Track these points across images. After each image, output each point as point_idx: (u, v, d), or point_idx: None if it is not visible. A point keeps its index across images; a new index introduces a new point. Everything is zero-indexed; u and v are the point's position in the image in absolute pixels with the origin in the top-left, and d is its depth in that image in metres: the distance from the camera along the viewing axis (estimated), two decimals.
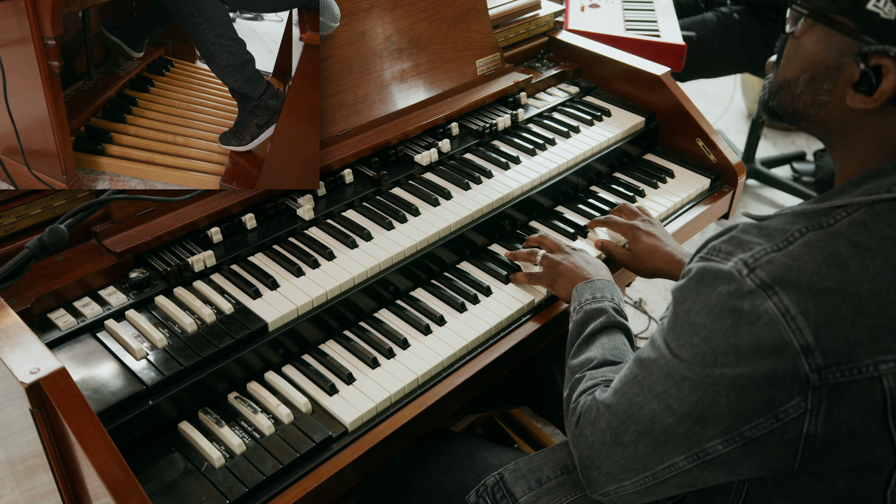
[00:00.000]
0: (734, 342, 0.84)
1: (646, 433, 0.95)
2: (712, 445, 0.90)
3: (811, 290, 0.81)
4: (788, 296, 0.81)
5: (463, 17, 1.80)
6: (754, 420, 0.86)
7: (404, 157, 1.66)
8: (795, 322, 0.81)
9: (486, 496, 1.25)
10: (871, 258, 0.82)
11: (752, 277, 0.83)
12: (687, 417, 0.90)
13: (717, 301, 0.85)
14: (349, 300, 1.36)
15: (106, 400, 1.10)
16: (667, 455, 0.94)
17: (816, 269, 0.82)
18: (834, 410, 0.83)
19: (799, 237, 0.84)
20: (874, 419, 0.83)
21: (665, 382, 0.92)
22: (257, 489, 1.09)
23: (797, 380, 0.82)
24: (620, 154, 1.86)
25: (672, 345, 0.91)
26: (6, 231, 1.27)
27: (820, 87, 0.90)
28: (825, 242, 0.83)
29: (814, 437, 0.84)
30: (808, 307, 0.81)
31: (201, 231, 1.39)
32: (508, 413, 2.24)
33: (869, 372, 0.82)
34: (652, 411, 0.93)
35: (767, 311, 0.82)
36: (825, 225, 0.85)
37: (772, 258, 0.83)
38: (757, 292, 0.83)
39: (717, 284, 0.86)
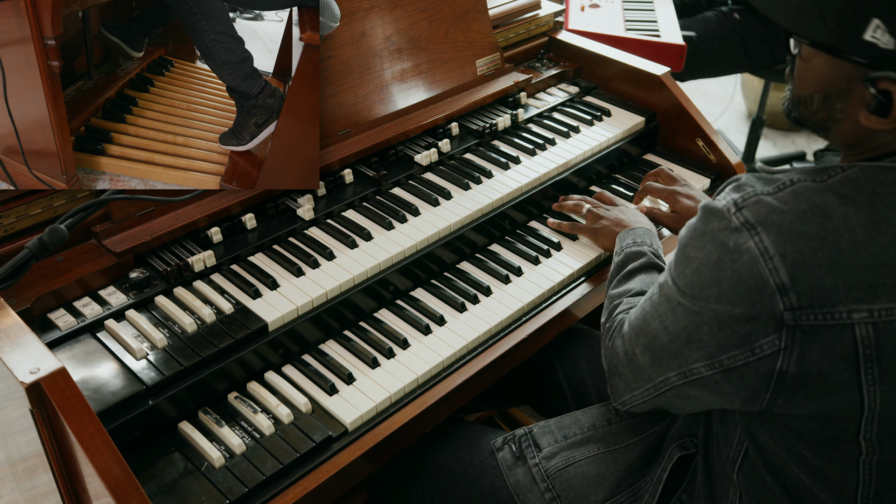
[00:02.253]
0: (718, 276, 0.90)
1: (648, 347, 1.04)
2: (696, 367, 0.98)
3: (791, 233, 0.86)
4: (769, 236, 0.86)
5: (463, 17, 1.80)
6: (732, 351, 0.92)
7: (404, 157, 1.66)
8: (773, 262, 0.86)
9: (512, 444, 1.31)
10: (855, 211, 0.85)
11: (738, 216, 0.89)
12: (677, 339, 0.98)
13: (709, 236, 0.92)
14: (349, 300, 1.36)
15: (106, 400, 1.10)
16: (662, 370, 1.03)
17: (800, 214, 0.86)
18: (806, 351, 0.87)
19: (790, 185, 0.89)
20: (845, 366, 0.87)
21: (666, 305, 1.00)
22: (257, 489, 1.09)
23: (772, 318, 0.87)
24: (620, 154, 1.86)
25: (673, 272, 0.99)
26: (6, 231, 1.27)
27: (833, 107, 0.94)
28: (813, 192, 0.87)
29: (786, 373, 0.89)
30: (786, 249, 0.85)
31: (201, 231, 1.39)
32: (508, 413, 2.24)
33: (842, 319, 0.85)
34: (654, 329, 1.02)
35: (749, 248, 0.87)
36: (818, 179, 0.89)
37: (759, 199, 0.89)
38: (741, 230, 0.88)
39: (711, 220, 0.92)
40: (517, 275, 1.49)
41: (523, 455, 1.29)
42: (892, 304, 0.85)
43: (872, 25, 0.83)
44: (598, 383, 1.56)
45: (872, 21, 0.82)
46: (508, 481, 1.28)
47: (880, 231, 0.85)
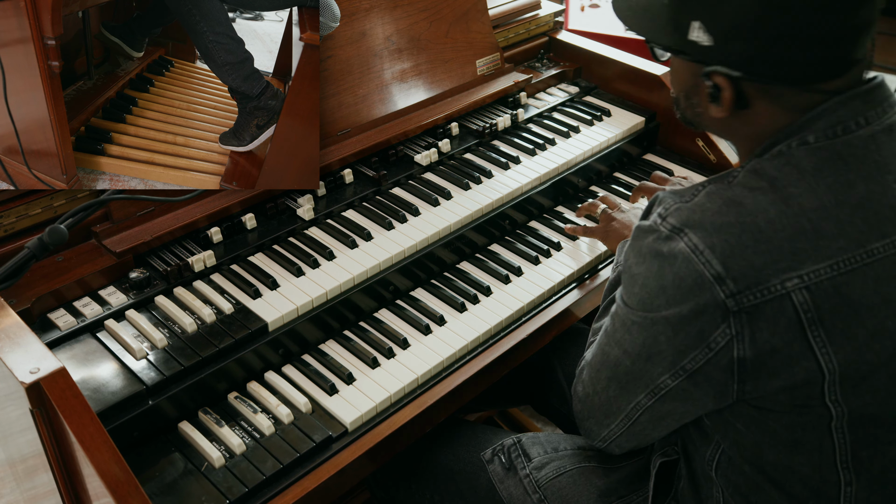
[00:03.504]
0: (662, 283, 0.96)
1: (613, 377, 1.07)
2: (663, 381, 1.01)
3: (713, 226, 0.93)
4: (696, 234, 0.93)
5: (463, 17, 1.80)
6: (691, 353, 0.96)
7: (404, 157, 1.66)
8: (704, 255, 0.92)
9: (502, 454, 1.31)
10: (762, 193, 0.94)
11: (664, 225, 0.96)
12: (639, 357, 1.02)
13: (645, 250, 0.98)
14: (349, 300, 1.36)
15: (106, 400, 1.10)
16: (631, 395, 1.06)
17: (717, 210, 0.94)
18: (756, 332, 0.92)
19: (702, 189, 0.98)
20: (794, 335, 0.92)
21: (622, 329, 1.04)
22: (257, 489, 1.09)
23: (717, 308, 0.92)
24: (620, 154, 1.86)
25: (624, 296, 1.04)
26: (6, 231, 1.27)
27: (692, 102, 1.07)
28: (723, 190, 0.96)
29: (744, 360, 0.93)
30: (713, 241, 0.92)
31: (201, 231, 1.39)
32: (508, 412, 2.24)
33: (777, 291, 0.91)
34: (615, 357, 1.06)
35: (681, 250, 0.93)
36: (724, 181, 0.98)
37: (679, 207, 0.97)
38: (672, 236, 0.95)
39: (644, 237, 0.99)
40: (517, 275, 1.49)
41: (513, 466, 1.29)
42: (816, 266, 0.91)
43: (694, 27, 0.97)
44: None
45: (693, 23, 0.97)
46: (502, 495, 1.29)
47: (789, 205, 0.92)
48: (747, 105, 1.00)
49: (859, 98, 0.96)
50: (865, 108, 0.96)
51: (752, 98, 0.99)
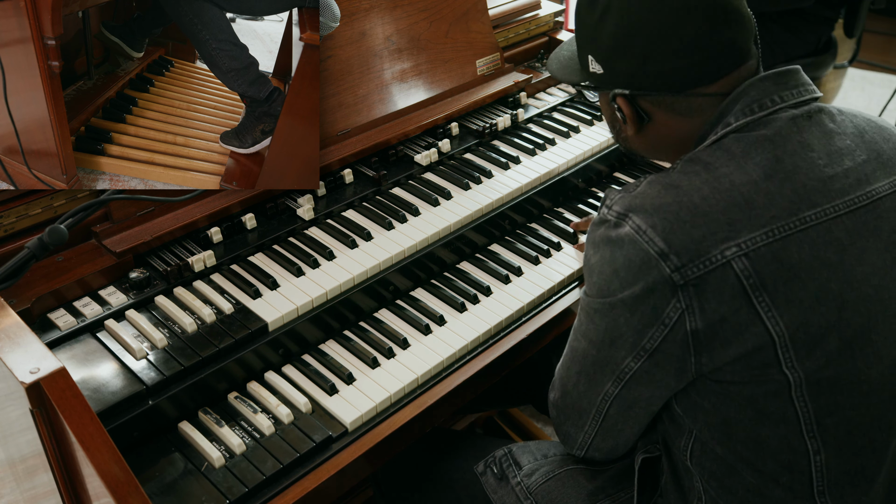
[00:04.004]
0: (614, 267, 1.02)
1: (582, 371, 1.12)
2: (626, 364, 1.05)
3: (653, 207, 1.00)
4: (638, 217, 1.00)
5: (463, 17, 1.80)
6: (648, 331, 1.01)
7: (404, 157, 1.66)
8: (647, 234, 0.98)
9: (494, 465, 1.33)
10: (696, 174, 1.02)
11: (611, 213, 1.04)
12: (602, 344, 1.07)
13: (598, 240, 1.06)
14: (349, 300, 1.36)
15: (106, 400, 1.10)
16: (599, 385, 1.10)
17: (656, 194, 1.01)
18: (704, 303, 0.97)
19: (643, 180, 1.06)
20: (740, 302, 0.96)
21: (585, 320, 1.10)
22: (257, 489, 1.09)
23: (666, 283, 0.97)
24: (621, 154, 1.86)
25: (586, 288, 1.10)
26: (6, 231, 1.27)
27: (617, 131, 1.19)
28: (663, 178, 1.04)
29: (697, 332, 0.98)
30: (654, 220, 0.99)
31: (201, 231, 1.39)
32: (508, 412, 2.24)
33: (718, 261, 0.96)
34: (582, 348, 1.11)
35: (627, 233, 1.00)
36: (664, 172, 1.06)
37: (623, 196, 1.05)
38: (617, 222, 1.02)
39: (596, 229, 1.07)
40: (517, 275, 1.49)
41: (505, 475, 1.31)
42: (752, 234, 0.96)
43: (591, 61, 1.13)
44: None
45: (589, 58, 1.13)
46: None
47: (720, 181, 1.00)
48: (649, 118, 1.12)
49: (769, 80, 1.05)
50: (777, 88, 1.05)
51: (649, 111, 1.11)
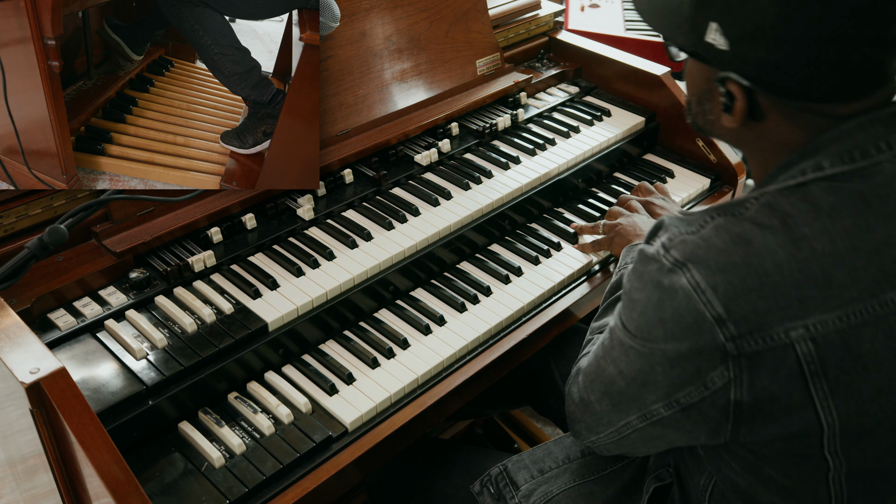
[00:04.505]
0: (661, 315, 0.92)
1: (606, 394, 1.05)
2: (655, 408, 0.98)
3: (718, 265, 0.88)
4: (698, 271, 0.88)
5: (463, 17, 1.80)
6: (686, 388, 0.93)
7: (404, 157, 1.66)
8: (706, 295, 0.87)
9: (490, 485, 1.30)
10: (773, 233, 0.88)
11: (667, 257, 0.91)
12: (633, 382, 0.99)
13: (647, 279, 0.94)
14: (349, 300, 1.36)
15: (106, 400, 1.10)
16: (623, 414, 1.04)
17: (723, 246, 0.89)
18: (755, 378, 0.88)
19: (710, 221, 0.92)
20: (794, 385, 0.88)
21: (619, 349, 1.01)
22: (257, 489, 1.09)
23: (716, 350, 0.88)
24: (620, 154, 1.86)
25: (623, 317, 1.00)
26: (6, 231, 1.27)
27: (704, 108, 1.02)
28: (732, 225, 0.90)
29: (741, 403, 0.90)
30: (716, 281, 0.87)
31: (201, 231, 1.39)
32: (509, 413, 2.24)
33: (781, 339, 0.86)
34: (610, 374, 1.03)
35: (682, 285, 0.89)
36: (735, 214, 0.92)
37: (685, 239, 0.91)
38: (673, 269, 0.90)
39: (648, 264, 0.95)
40: (517, 275, 1.49)
41: (502, 496, 1.28)
42: (824, 316, 0.86)
43: (711, 28, 0.91)
44: None
45: (711, 24, 0.90)
46: None
47: (799, 248, 0.87)
48: (761, 118, 0.94)
49: (880, 122, 0.89)
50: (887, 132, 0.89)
51: (766, 111, 0.94)
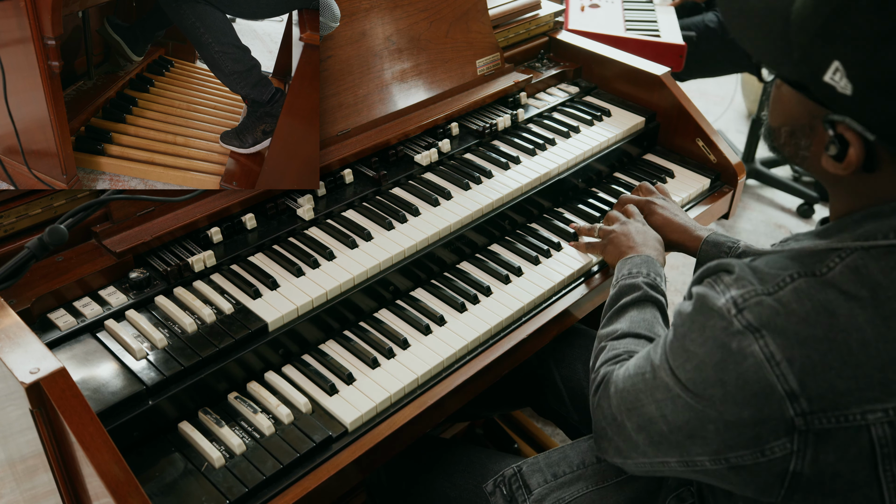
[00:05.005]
0: (722, 377, 0.86)
1: (644, 429, 0.99)
2: (700, 460, 0.93)
3: (798, 337, 0.82)
4: (774, 341, 0.82)
5: (463, 17, 1.80)
6: (740, 450, 0.88)
7: (404, 157, 1.66)
8: (780, 368, 0.82)
9: (503, 486, 1.29)
10: (861, 307, 0.81)
11: (739, 318, 0.85)
12: (679, 431, 0.94)
13: (710, 334, 0.87)
14: (349, 300, 1.36)
15: (106, 400, 1.10)
16: (661, 454, 0.99)
17: (804, 316, 0.82)
18: (821, 454, 0.83)
19: (790, 282, 0.84)
20: (862, 465, 0.83)
21: (664, 392, 0.95)
22: (257, 489, 1.09)
23: (782, 422, 0.83)
24: (620, 154, 1.86)
25: (671, 361, 0.94)
26: (6, 231, 1.27)
27: (799, 143, 0.91)
28: (815, 290, 0.83)
29: (800, 474, 0.85)
30: (793, 354, 0.81)
31: (201, 231, 1.39)
32: (509, 413, 2.24)
33: (856, 420, 0.82)
34: (650, 413, 0.97)
35: (754, 353, 0.83)
36: (818, 273, 0.84)
37: (761, 300, 0.84)
38: (745, 333, 0.84)
39: (711, 317, 0.88)
40: (517, 275, 1.49)
41: (514, 498, 1.26)
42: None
43: (833, 67, 0.79)
44: None
45: (833, 63, 0.79)
46: None
47: (889, 326, 0.81)
48: (875, 169, 0.84)
49: None
50: None
51: (883, 163, 0.83)
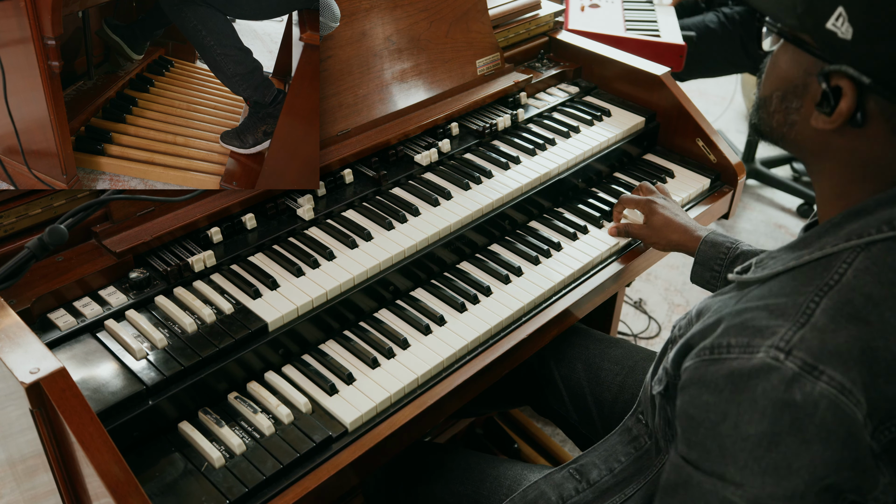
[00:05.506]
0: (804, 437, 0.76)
1: None
2: None
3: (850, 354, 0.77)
4: (836, 369, 0.76)
5: (463, 17, 1.80)
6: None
7: (404, 157, 1.66)
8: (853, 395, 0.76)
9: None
10: (890, 308, 0.79)
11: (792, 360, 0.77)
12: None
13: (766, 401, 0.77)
14: (349, 300, 1.36)
15: (106, 400, 1.10)
16: None
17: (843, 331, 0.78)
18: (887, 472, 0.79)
19: (815, 307, 0.80)
20: None
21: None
22: (257, 489, 1.09)
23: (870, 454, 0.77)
24: (620, 154, 1.86)
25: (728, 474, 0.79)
26: (6, 231, 1.27)
27: (790, 106, 0.91)
28: (842, 304, 0.79)
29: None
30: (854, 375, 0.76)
31: (201, 231, 1.39)
32: (509, 413, 2.24)
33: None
34: None
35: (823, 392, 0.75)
36: (832, 283, 0.81)
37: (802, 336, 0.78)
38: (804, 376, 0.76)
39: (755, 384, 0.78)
40: (517, 275, 1.49)
41: None
42: None
43: (836, 13, 0.80)
44: (592, 385, 1.56)
45: (838, 8, 0.80)
46: None
47: None
48: (862, 123, 0.83)
49: None
50: None
51: (871, 117, 0.83)
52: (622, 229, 1.59)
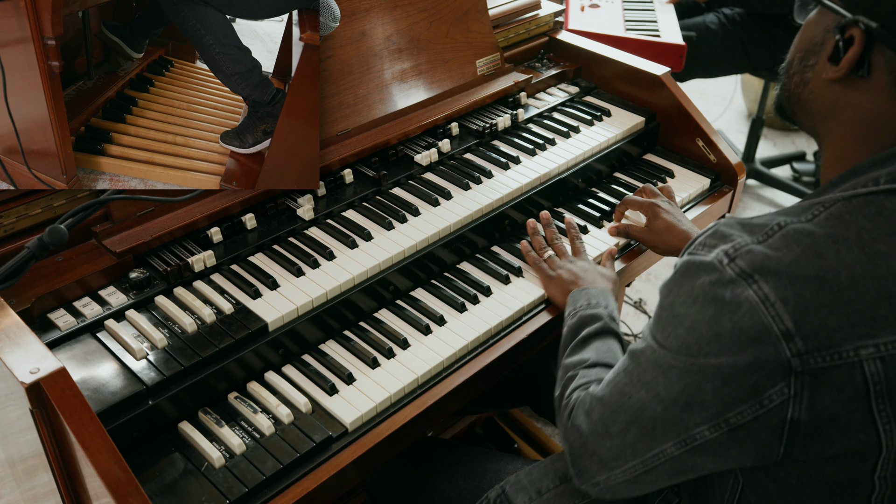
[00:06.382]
0: (717, 330, 0.87)
1: (635, 421, 0.97)
2: (699, 431, 0.92)
3: (789, 277, 0.84)
4: (768, 283, 0.84)
5: (463, 17, 1.80)
6: (739, 406, 0.88)
7: (404, 157, 1.66)
8: (775, 308, 0.83)
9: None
10: (848, 248, 0.84)
11: (732, 266, 0.86)
12: (674, 405, 0.92)
13: (699, 291, 0.88)
14: (349, 300, 1.36)
15: (106, 400, 1.10)
16: (655, 442, 0.96)
17: (794, 258, 0.85)
18: (817, 396, 0.85)
19: (778, 230, 0.88)
20: (857, 405, 0.85)
21: (653, 371, 0.95)
22: (257, 489, 1.09)
23: (780, 366, 0.84)
24: (620, 154, 1.86)
25: (658, 336, 0.94)
26: (6, 231, 1.27)
27: (807, 64, 0.97)
28: (803, 234, 0.86)
29: (798, 422, 0.86)
30: (786, 294, 0.83)
31: (201, 231, 1.39)
32: (508, 413, 2.24)
33: (849, 357, 0.83)
34: (640, 400, 0.96)
35: (748, 298, 0.84)
36: (804, 220, 0.88)
37: (751, 249, 0.87)
38: (737, 281, 0.85)
39: (699, 275, 0.89)
40: (517, 275, 1.49)
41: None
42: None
43: None
44: None
45: None
46: None
47: (876, 264, 0.84)
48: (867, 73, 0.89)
49: None
50: None
51: (875, 68, 0.89)
52: (622, 230, 1.58)
